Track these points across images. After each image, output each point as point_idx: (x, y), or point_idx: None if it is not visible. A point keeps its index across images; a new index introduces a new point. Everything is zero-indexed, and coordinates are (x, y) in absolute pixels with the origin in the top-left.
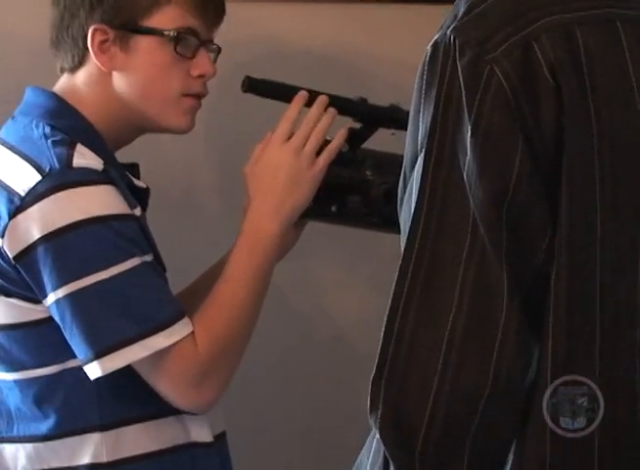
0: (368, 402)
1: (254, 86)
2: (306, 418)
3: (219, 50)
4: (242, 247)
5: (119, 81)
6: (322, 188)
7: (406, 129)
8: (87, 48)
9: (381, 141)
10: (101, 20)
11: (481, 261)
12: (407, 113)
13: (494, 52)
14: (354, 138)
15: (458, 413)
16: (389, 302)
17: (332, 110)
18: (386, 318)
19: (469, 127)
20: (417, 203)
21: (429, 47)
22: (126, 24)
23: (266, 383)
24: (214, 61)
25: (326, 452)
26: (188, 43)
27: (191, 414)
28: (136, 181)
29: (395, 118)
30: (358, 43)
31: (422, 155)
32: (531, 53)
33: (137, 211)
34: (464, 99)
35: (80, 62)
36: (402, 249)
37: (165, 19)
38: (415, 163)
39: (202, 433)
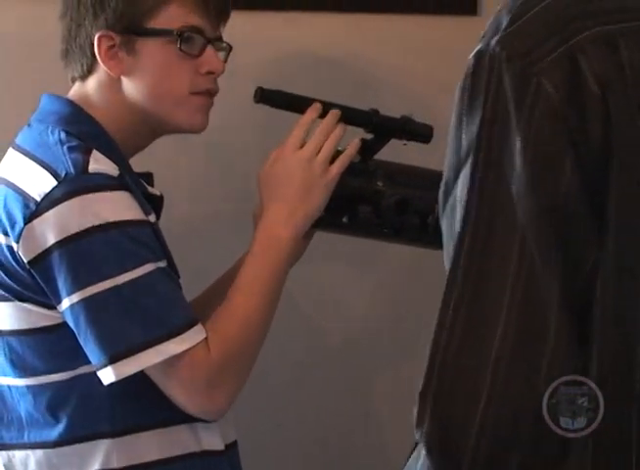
0: (415, 417)
1: (267, 97)
2: (317, 424)
3: (230, 48)
4: (255, 254)
5: (129, 86)
6: (334, 198)
7: (417, 140)
8: (95, 56)
9: (393, 152)
10: (105, 26)
11: (530, 276)
12: (419, 124)
13: (541, 63)
14: (366, 149)
15: (506, 430)
16: (437, 317)
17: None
18: (433, 332)
19: (518, 140)
20: (463, 218)
21: (471, 58)
22: (130, 28)
23: (276, 390)
24: (225, 60)
25: (338, 458)
26: (193, 41)
27: (203, 422)
28: (150, 189)
29: (407, 130)
30: (365, 53)
31: (466, 170)
32: (578, 64)
33: (152, 218)
34: (512, 112)
35: (89, 70)
36: (446, 264)
37: (168, 19)
38: (457, 177)
39: (213, 441)
